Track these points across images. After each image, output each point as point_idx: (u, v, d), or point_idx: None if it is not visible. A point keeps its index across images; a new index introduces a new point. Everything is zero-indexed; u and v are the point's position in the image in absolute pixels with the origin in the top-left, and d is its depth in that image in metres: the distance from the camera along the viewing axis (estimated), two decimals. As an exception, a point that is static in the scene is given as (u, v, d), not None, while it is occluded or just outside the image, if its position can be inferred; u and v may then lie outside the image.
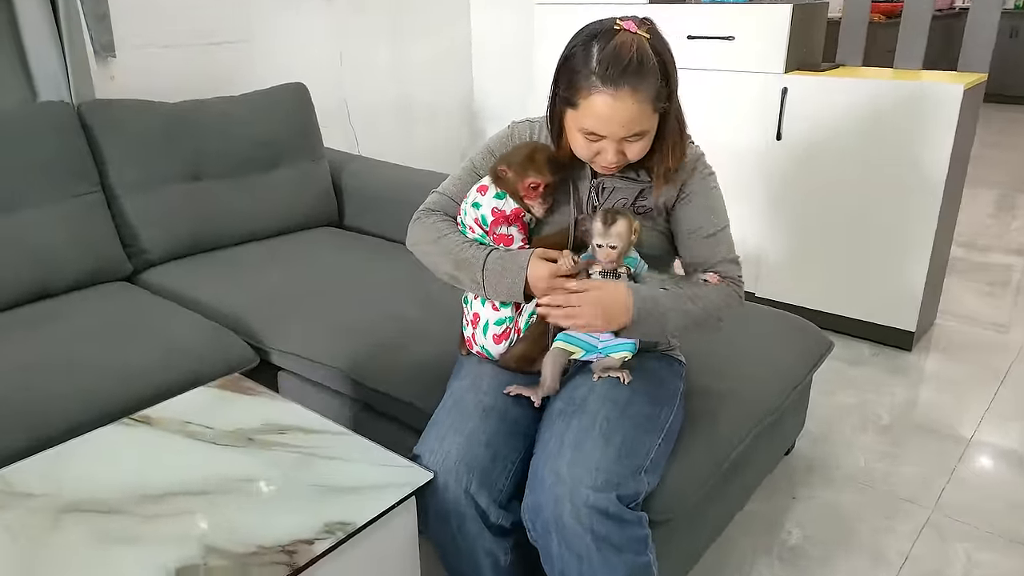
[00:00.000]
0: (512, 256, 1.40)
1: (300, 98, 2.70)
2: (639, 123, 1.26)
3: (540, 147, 1.43)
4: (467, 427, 1.31)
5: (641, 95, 1.23)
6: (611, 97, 1.23)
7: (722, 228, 1.47)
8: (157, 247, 2.33)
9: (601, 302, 1.32)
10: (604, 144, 1.30)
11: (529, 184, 1.40)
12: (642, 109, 1.25)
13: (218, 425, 1.37)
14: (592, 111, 1.26)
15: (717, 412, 1.57)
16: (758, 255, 2.94)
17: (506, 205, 1.44)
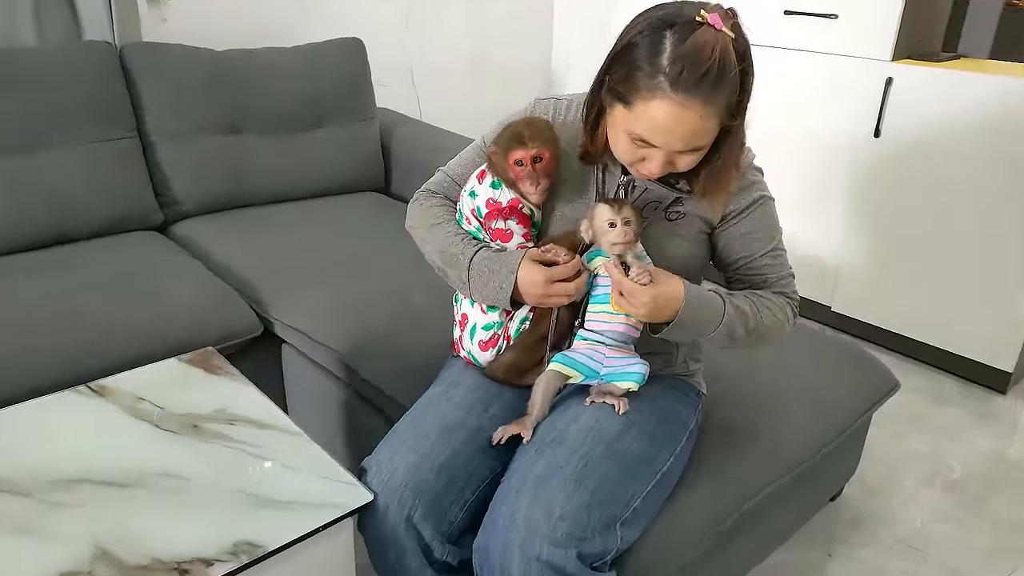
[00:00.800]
0: (503, 257, 1.21)
1: (354, 54, 2.56)
2: (701, 137, 1.05)
3: (533, 120, 1.23)
4: (423, 445, 1.14)
5: (712, 108, 1.02)
6: (678, 106, 1.01)
7: (777, 244, 1.26)
8: (189, 199, 2.27)
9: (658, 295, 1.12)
10: (652, 152, 1.09)
11: (513, 161, 1.21)
12: (708, 123, 1.03)
13: (170, 406, 1.27)
14: (650, 117, 1.04)
15: (732, 454, 1.35)
16: (837, 264, 2.62)
17: (502, 195, 1.26)
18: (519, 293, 1.20)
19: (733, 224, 1.23)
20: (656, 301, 1.12)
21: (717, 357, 1.58)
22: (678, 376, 1.35)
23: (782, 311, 1.25)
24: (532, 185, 1.21)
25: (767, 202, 1.24)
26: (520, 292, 1.20)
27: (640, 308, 1.12)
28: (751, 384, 1.56)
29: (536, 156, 1.20)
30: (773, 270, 1.26)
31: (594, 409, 1.19)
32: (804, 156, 2.61)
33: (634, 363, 1.18)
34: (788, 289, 1.28)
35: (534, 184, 1.21)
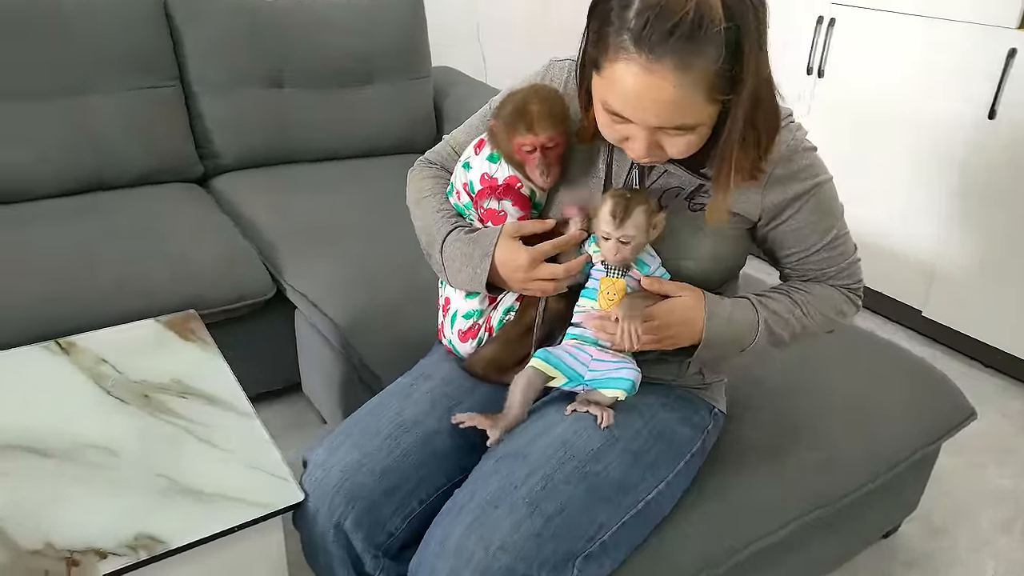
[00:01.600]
0: (477, 237, 1.06)
1: (412, 8, 2.43)
2: (682, 114, 0.85)
3: (543, 95, 1.05)
4: (369, 443, 1.02)
5: (689, 75, 0.81)
6: (644, 70, 0.82)
7: (836, 234, 1.06)
8: (229, 153, 2.21)
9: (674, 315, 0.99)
10: (632, 130, 0.90)
11: (520, 146, 1.04)
12: (688, 95, 0.83)
13: (129, 371, 1.20)
14: (616, 83, 0.86)
15: (749, 481, 1.16)
16: (933, 263, 2.30)
17: (499, 171, 1.09)
18: (501, 278, 1.05)
19: (781, 220, 1.03)
20: (666, 331, 0.98)
21: (746, 368, 1.38)
22: (689, 389, 1.16)
23: (836, 307, 1.09)
24: (542, 175, 1.05)
25: (822, 188, 1.03)
26: (500, 277, 1.04)
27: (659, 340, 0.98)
28: (787, 400, 1.34)
29: (547, 143, 1.03)
30: (832, 262, 1.07)
31: (573, 420, 1.03)
32: (903, 138, 2.29)
33: (623, 367, 1.01)
34: (851, 280, 1.10)
35: (544, 173, 1.05)
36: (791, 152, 1.00)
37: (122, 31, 2.02)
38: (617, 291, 0.99)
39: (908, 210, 2.33)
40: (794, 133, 1.01)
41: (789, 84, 2.54)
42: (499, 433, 1.02)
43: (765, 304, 1.05)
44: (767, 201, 1.01)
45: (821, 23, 2.42)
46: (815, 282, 1.10)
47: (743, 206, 1.02)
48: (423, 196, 1.18)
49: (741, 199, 1.01)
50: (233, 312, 1.73)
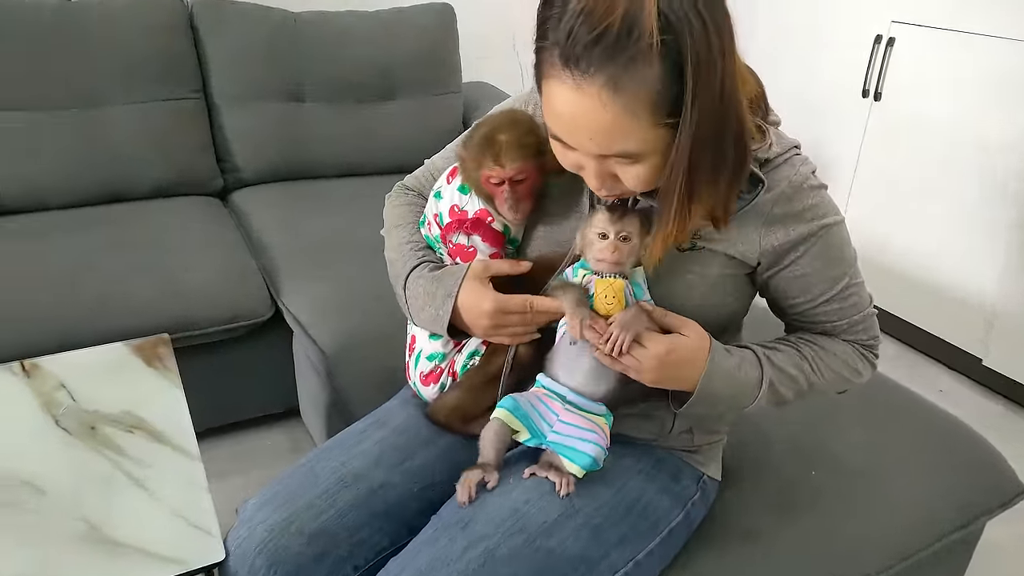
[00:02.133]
0: (442, 276, 0.96)
1: (442, 21, 2.36)
2: (621, 139, 0.74)
3: (513, 123, 0.94)
4: (301, 499, 0.92)
5: (623, 95, 0.70)
6: (572, 88, 0.72)
7: (848, 283, 0.93)
8: (249, 167, 2.18)
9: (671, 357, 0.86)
10: (580, 158, 0.80)
11: (487, 178, 0.94)
12: (624, 118, 0.72)
13: (84, 398, 1.15)
14: (549, 104, 0.76)
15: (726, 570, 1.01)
16: (994, 306, 2.08)
17: (469, 204, 1.00)
18: (464, 323, 0.95)
19: (783, 266, 0.90)
20: (654, 365, 0.85)
21: (751, 424, 1.23)
22: (674, 451, 1.03)
23: (850, 365, 0.96)
24: (511, 209, 0.95)
25: (830, 231, 0.90)
26: (464, 322, 0.95)
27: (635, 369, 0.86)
28: (795, 464, 1.19)
29: (515, 175, 0.93)
30: (843, 314, 0.94)
31: (531, 484, 0.91)
32: (965, 167, 2.09)
33: (588, 439, 0.89)
34: (866, 335, 0.97)
35: (513, 208, 0.95)
36: (794, 189, 0.87)
37: (145, 41, 2.01)
38: (615, 292, 0.87)
39: (969, 245, 2.12)
40: (798, 168, 0.88)
41: (842, 108, 2.37)
42: (496, 477, 0.92)
43: (771, 359, 0.92)
44: (766, 243, 0.88)
45: (879, 43, 2.24)
46: (826, 336, 0.97)
47: (739, 248, 0.89)
48: (394, 225, 1.09)
49: (737, 240, 0.89)
50: (231, 332, 1.68)
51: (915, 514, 1.16)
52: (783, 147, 0.89)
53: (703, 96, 0.71)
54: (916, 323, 2.31)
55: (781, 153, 0.88)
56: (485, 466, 0.92)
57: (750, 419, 1.22)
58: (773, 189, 0.87)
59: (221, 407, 1.76)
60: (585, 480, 0.92)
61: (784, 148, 0.89)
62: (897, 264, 2.27)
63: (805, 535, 1.08)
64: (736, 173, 0.79)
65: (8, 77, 1.87)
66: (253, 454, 1.75)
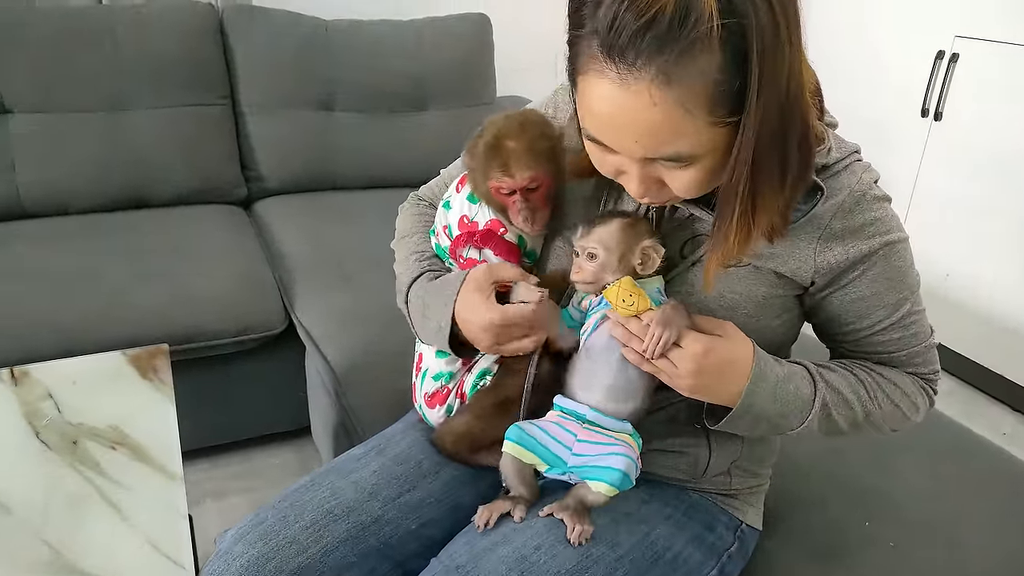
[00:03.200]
0: (442, 284, 0.87)
1: (478, 32, 2.29)
2: (672, 140, 0.64)
3: (522, 126, 0.85)
4: (284, 533, 0.82)
5: (675, 90, 0.60)
6: (616, 84, 0.62)
7: (911, 308, 0.81)
8: (274, 176, 2.12)
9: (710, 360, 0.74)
10: (622, 162, 0.70)
11: (497, 189, 0.84)
12: (676, 117, 0.62)
13: (70, 410, 1.07)
14: (588, 102, 0.66)
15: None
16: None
17: (479, 215, 0.90)
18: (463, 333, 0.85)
19: (839, 286, 0.79)
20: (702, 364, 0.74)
21: (798, 463, 1.11)
22: (707, 495, 0.91)
23: (910, 399, 0.84)
24: (527, 222, 0.85)
25: (894, 249, 0.78)
26: (467, 335, 0.84)
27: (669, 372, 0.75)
28: (844, 510, 1.06)
29: (528, 184, 0.83)
30: (903, 344, 0.83)
31: (543, 528, 0.80)
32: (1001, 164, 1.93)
33: (614, 451, 0.77)
34: (924, 369, 0.85)
35: (529, 219, 0.85)
36: (855, 200, 0.76)
37: (174, 45, 1.97)
38: (628, 289, 0.76)
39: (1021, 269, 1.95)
40: (860, 175, 0.77)
41: (899, 128, 2.23)
42: (524, 512, 0.82)
43: (825, 378, 0.80)
44: (822, 261, 0.77)
45: (941, 59, 2.10)
46: (882, 364, 0.85)
47: (791, 265, 0.78)
48: (403, 236, 1.01)
49: (788, 257, 0.77)
50: (242, 345, 1.60)
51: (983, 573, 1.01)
52: (843, 152, 0.78)
53: (769, 88, 0.61)
54: (975, 358, 2.13)
55: (841, 159, 0.77)
56: (516, 499, 0.81)
57: (795, 453, 1.10)
58: (832, 199, 0.76)
59: (229, 423, 1.68)
60: (606, 525, 0.81)
61: (844, 153, 0.78)
62: (953, 293, 2.11)
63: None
64: (800, 178, 0.69)
65: (34, 80, 1.84)
66: (259, 473, 1.66)
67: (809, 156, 0.69)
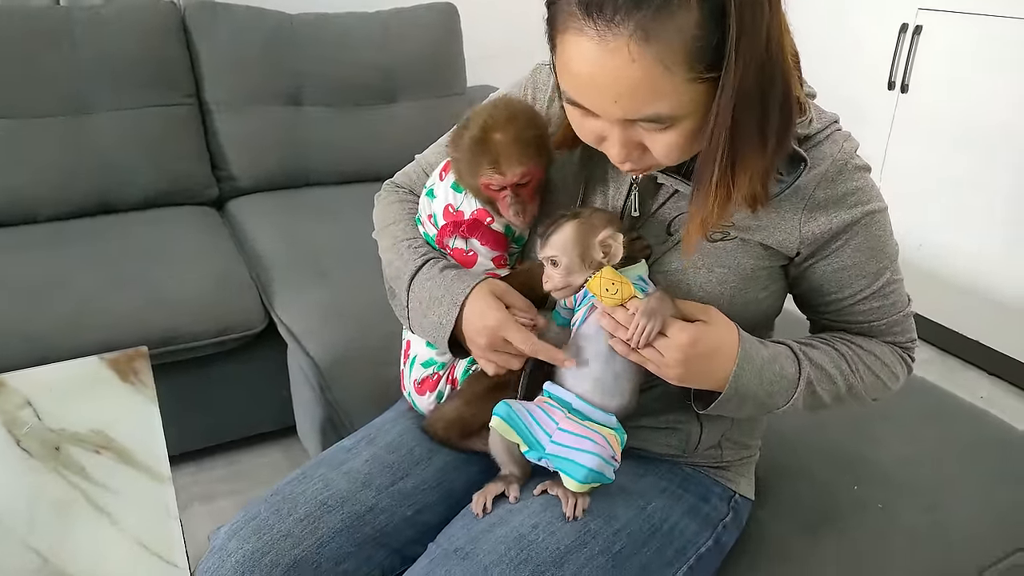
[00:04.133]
0: (453, 280, 0.85)
1: (446, 22, 2.28)
2: (651, 99, 0.64)
3: (508, 116, 0.84)
4: (278, 527, 0.81)
5: (654, 46, 0.60)
6: (594, 41, 0.62)
7: (890, 277, 0.82)
8: (245, 175, 2.09)
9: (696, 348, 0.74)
10: (603, 126, 0.70)
11: (486, 185, 0.83)
12: (655, 73, 0.62)
13: (50, 416, 1.05)
14: (567, 62, 0.66)
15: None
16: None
17: (465, 204, 0.89)
18: (462, 333, 0.84)
19: (823, 256, 0.79)
20: (689, 354, 0.73)
21: (785, 435, 1.12)
22: (699, 468, 0.92)
23: (889, 369, 0.85)
24: (518, 216, 0.84)
25: (875, 218, 0.79)
26: (464, 336, 0.84)
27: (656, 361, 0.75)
28: (831, 479, 1.07)
29: (519, 180, 0.83)
30: (882, 313, 0.83)
31: (539, 507, 0.80)
32: (1002, 160, 1.97)
33: (587, 448, 0.77)
34: (903, 337, 0.86)
35: (520, 214, 0.84)
36: (837, 169, 0.77)
37: (136, 45, 1.93)
38: (610, 278, 0.76)
39: (1011, 243, 1.99)
40: (841, 144, 0.77)
41: (866, 100, 2.26)
42: (517, 491, 0.83)
43: (808, 356, 0.81)
44: (807, 231, 0.78)
45: (905, 31, 2.13)
46: (862, 336, 0.85)
47: (777, 237, 0.78)
48: (387, 224, 0.99)
49: (775, 228, 0.78)
50: (222, 346, 1.58)
51: (969, 534, 1.03)
52: (823, 122, 0.78)
53: (748, 44, 0.61)
54: (950, 326, 2.17)
55: (822, 128, 0.78)
56: (508, 478, 0.81)
57: (782, 426, 1.10)
58: (815, 169, 0.76)
59: (213, 426, 1.66)
60: (602, 500, 0.81)
61: (824, 123, 0.78)
62: (927, 263, 2.14)
63: (847, 558, 0.96)
64: (780, 142, 0.69)
65: (-8, 83, 1.80)
66: (247, 475, 1.64)
67: (790, 119, 0.69)
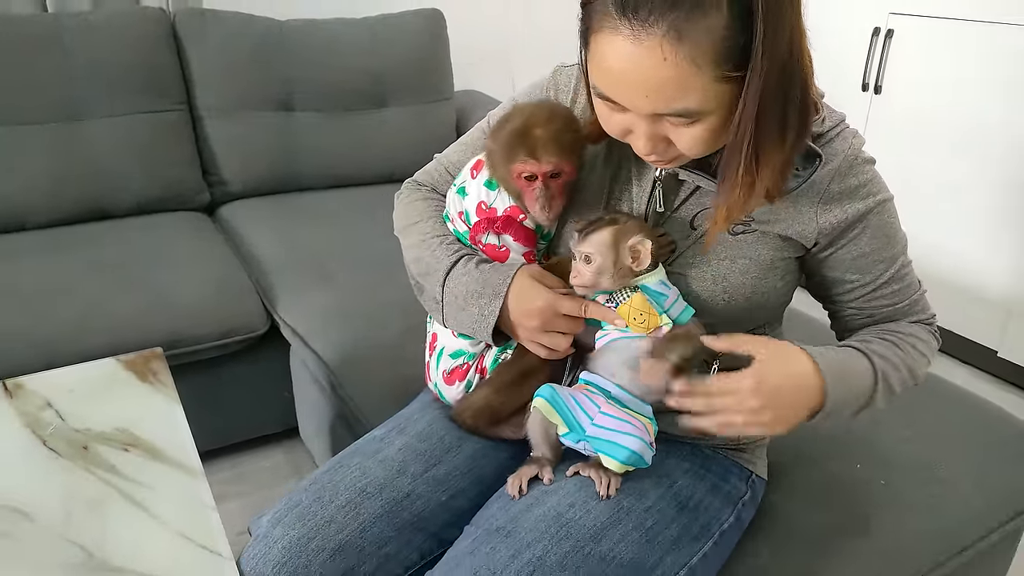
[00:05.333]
0: (488, 274, 0.88)
1: (432, 27, 2.30)
2: (680, 95, 0.68)
3: (551, 117, 0.88)
4: (321, 514, 0.84)
5: (686, 45, 0.65)
6: (629, 40, 0.66)
7: (904, 260, 0.88)
8: (237, 180, 2.10)
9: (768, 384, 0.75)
10: (630, 120, 0.74)
11: (519, 173, 0.87)
12: (685, 71, 0.66)
13: (73, 417, 1.05)
14: (600, 59, 0.70)
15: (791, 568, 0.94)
16: (1008, 297, 2.04)
17: (499, 201, 0.93)
18: (510, 324, 0.87)
19: (841, 246, 0.84)
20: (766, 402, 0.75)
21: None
22: (719, 449, 0.96)
23: (927, 344, 0.89)
24: (544, 209, 0.88)
25: (886, 207, 0.85)
26: (510, 323, 0.87)
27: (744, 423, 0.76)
28: (835, 461, 1.13)
29: (551, 171, 0.86)
30: (902, 295, 0.88)
31: (574, 488, 0.84)
32: (972, 160, 2.05)
33: (629, 431, 0.81)
34: (925, 314, 0.91)
35: (545, 208, 0.88)
36: (849, 164, 0.82)
37: (127, 52, 1.93)
38: (639, 308, 0.81)
39: (980, 240, 2.08)
40: (850, 140, 0.83)
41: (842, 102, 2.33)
42: (551, 472, 0.86)
43: (871, 348, 0.84)
44: (824, 222, 0.82)
45: (877, 35, 2.21)
46: (891, 321, 0.90)
47: (796, 228, 0.83)
48: (414, 221, 1.01)
49: (793, 220, 0.83)
50: (225, 348, 1.59)
51: (966, 506, 1.09)
52: (834, 120, 0.84)
53: (773, 44, 0.65)
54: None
55: (833, 126, 0.83)
56: (540, 460, 0.84)
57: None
58: (828, 164, 0.81)
59: (216, 428, 1.67)
60: (632, 480, 0.85)
61: (835, 121, 0.84)
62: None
63: (855, 530, 1.01)
64: (799, 136, 0.73)
65: (-19, 91, 1.78)
66: (250, 477, 1.65)
67: (808, 116, 0.74)
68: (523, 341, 0.88)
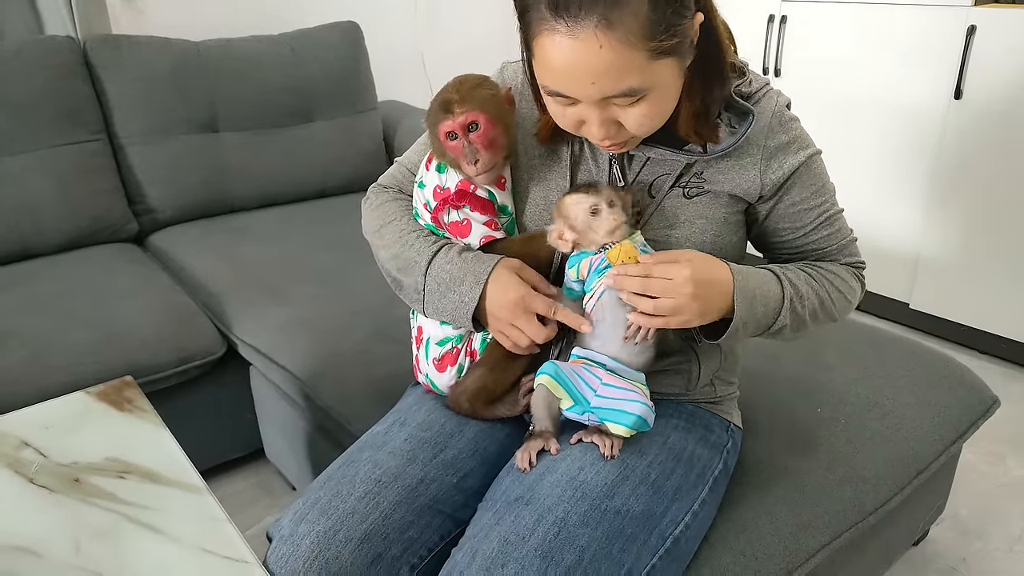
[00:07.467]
0: (472, 261, 0.92)
1: (350, 40, 2.32)
2: (621, 76, 0.75)
3: (462, 80, 0.94)
4: (343, 506, 0.86)
5: (616, 32, 0.72)
6: (568, 38, 0.73)
7: (833, 206, 0.97)
8: (166, 206, 2.05)
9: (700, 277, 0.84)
10: (582, 111, 0.80)
11: (445, 135, 0.92)
12: (622, 54, 0.73)
13: (56, 453, 1.02)
14: (545, 59, 0.77)
15: (774, 507, 1.02)
16: (916, 253, 2.23)
17: (449, 179, 0.97)
18: (485, 313, 0.92)
19: (777, 197, 0.93)
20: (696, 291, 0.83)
21: (753, 374, 1.26)
22: (700, 404, 1.03)
23: (847, 283, 0.98)
24: (470, 163, 0.92)
25: (815, 159, 0.94)
26: (484, 312, 0.91)
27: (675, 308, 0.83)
28: (797, 408, 1.22)
29: (469, 123, 0.91)
30: (831, 240, 0.97)
31: (578, 454, 0.89)
32: (872, 128, 2.23)
33: (633, 398, 0.87)
34: (852, 259, 1.00)
35: (471, 160, 0.92)
36: (778, 120, 0.91)
37: (38, 84, 1.86)
38: (630, 253, 0.88)
39: (885, 201, 2.26)
40: (776, 99, 0.92)
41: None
42: (557, 443, 0.90)
43: (786, 275, 0.93)
44: (766, 178, 0.91)
45: (772, 21, 2.38)
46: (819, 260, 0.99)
47: (743, 186, 0.91)
48: (388, 221, 1.04)
49: (739, 178, 0.91)
50: (183, 375, 1.56)
51: (915, 437, 1.21)
52: (760, 83, 0.93)
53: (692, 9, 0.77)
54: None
55: (760, 88, 0.92)
56: (544, 434, 0.89)
57: (748, 364, 1.24)
58: (760, 121, 0.90)
59: (182, 458, 1.62)
60: (630, 440, 0.91)
61: (761, 84, 0.93)
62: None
63: (822, 474, 1.10)
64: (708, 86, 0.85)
65: None
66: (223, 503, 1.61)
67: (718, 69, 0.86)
68: (491, 330, 0.93)
